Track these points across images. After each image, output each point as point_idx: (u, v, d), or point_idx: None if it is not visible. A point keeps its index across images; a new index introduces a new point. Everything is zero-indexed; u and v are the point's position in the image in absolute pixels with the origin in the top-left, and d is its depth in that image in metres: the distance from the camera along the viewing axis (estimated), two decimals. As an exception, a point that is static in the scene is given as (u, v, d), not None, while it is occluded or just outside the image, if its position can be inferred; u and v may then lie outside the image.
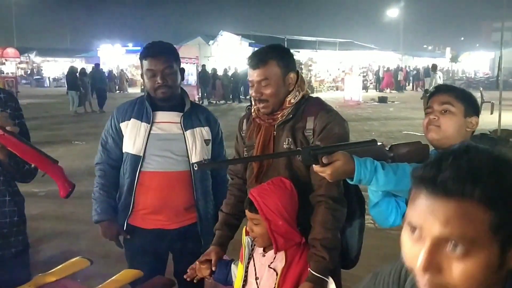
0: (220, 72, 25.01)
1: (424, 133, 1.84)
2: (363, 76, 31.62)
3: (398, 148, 1.70)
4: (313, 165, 1.55)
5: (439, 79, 16.47)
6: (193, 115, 2.49)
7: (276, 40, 30.93)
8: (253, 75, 1.96)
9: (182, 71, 2.50)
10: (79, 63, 35.34)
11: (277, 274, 1.82)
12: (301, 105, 1.99)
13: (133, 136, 2.42)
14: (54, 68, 41.78)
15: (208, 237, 2.19)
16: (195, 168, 1.71)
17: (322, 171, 1.53)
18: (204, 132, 2.48)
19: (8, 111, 2.08)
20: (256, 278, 1.87)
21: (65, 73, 21.28)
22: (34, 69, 41.45)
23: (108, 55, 35.39)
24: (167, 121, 2.45)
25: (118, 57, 35.78)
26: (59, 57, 43.94)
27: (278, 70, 1.94)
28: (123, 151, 2.46)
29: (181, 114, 2.45)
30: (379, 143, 1.65)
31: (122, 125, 2.46)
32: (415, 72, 33.83)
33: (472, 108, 1.81)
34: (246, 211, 1.86)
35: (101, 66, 22.08)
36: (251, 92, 2.00)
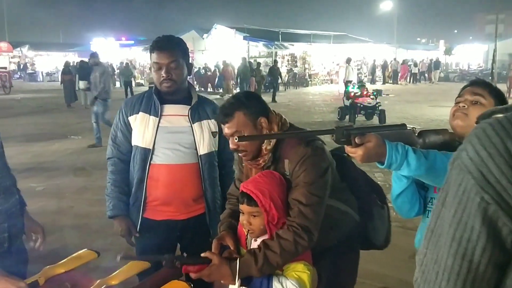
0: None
1: (449, 120, 1.87)
2: (358, 69, 31.68)
3: (428, 135, 1.72)
4: (345, 146, 1.55)
5: (352, 70, 18.94)
6: (200, 108, 2.53)
7: (271, 33, 30.88)
8: (225, 130, 1.98)
9: (190, 65, 2.53)
10: (72, 57, 35.11)
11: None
12: (278, 148, 1.97)
13: (142, 130, 2.45)
14: (47, 62, 41.47)
15: (216, 227, 2.22)
16: (236, 141, 1.70)
17: (354, 152, 1.53)
18: (211, 124, 2.51)
19: None
20: None
21: (58, 67, 21.36)
22: (27, 64, 41.12)
23: (101, 49, 35.15)
24: (175, 114, 2.48)
25: (111, 51, 35.56)
26: (51, 51, 43.62)
27: (246, 119, 1.94)
28: (132, 145, 2.49)
29: (189, 107, 2.49)
30: (408, 128, 1.67)
31: (131, 119, 2.48)
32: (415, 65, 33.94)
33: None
34: (244, 205, 1.87)
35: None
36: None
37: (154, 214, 2.49)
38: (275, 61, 23.81)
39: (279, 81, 23.23)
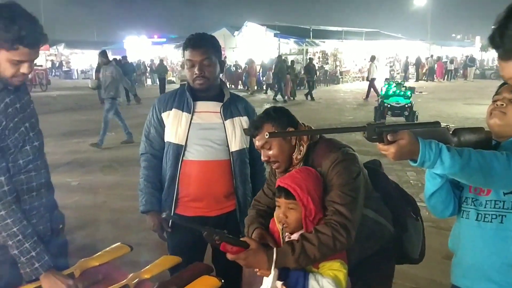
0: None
1: (486, 118, 1.82)
2: (390, 66, 31.20)
3: (463, 133, 1.67)
4: (377, 143, 1.52)
5: (376, 68, 19.36)
6: (232, 105, 2.55)
7: (302, 30, 30.73)
8: (256, 143, 2.05)
9: (223, 63, 2.56)
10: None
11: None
12: (309, 157, 2.01)
13: (175, 126, 2.48)
14: (82, 60, 42.47)
15: (247, 225, 2.23)
16: (266, 137, 1.70)
17: (386, 149, 1.50)
18: (243, 121, 2.54)
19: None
20: None
21: (93, 65, 21.77)
22: (63, 61, 42.21)
23: (134, 46, 35.74)
24: (207, 110, 2.52)
25: (144, 48, 36.12)
26: (86, 49, 44.59)
27: (275, 130, 1.99)
28: (165, 141, 2.53)
29: (221, 104, 2.51)
30: (442, 125, 1.62)
31: (164, 115, 2.52)
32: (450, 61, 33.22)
33: None
34: (281, 199, 1.89)
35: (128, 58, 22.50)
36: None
37: (186, 210, 2.52)
38: (311, 59, 23.78)
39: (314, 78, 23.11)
